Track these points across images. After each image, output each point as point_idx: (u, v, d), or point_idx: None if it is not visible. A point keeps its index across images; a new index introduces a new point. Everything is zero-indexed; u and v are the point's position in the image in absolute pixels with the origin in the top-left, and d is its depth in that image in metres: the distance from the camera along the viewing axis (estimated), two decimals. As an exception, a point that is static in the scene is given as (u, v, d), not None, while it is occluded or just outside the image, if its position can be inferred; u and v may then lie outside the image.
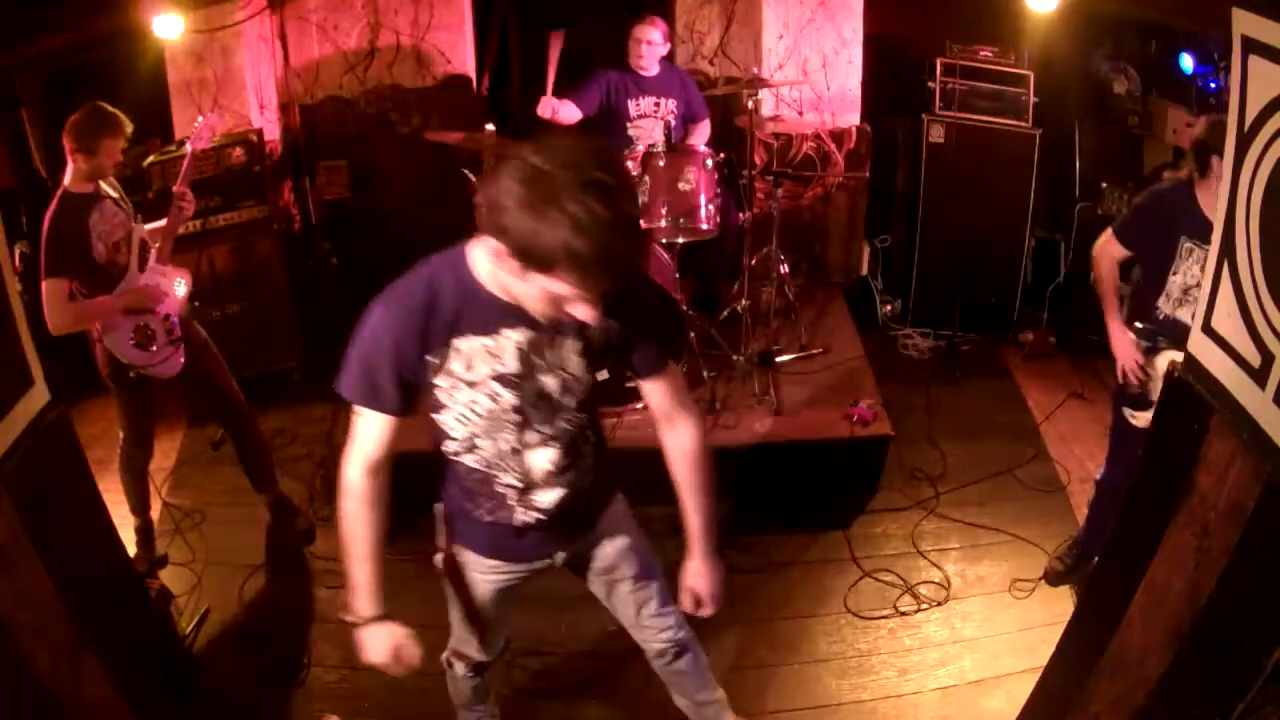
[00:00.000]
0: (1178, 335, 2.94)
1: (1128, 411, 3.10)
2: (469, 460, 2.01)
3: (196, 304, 3.72)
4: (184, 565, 3.66)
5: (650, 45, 4.41)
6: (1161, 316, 3.02)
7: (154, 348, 3.31)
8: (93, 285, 3.19)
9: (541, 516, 2.08)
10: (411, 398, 1.92)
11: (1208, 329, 1.99)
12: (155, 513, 3.76)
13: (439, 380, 1.88)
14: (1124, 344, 3.07)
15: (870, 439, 3.94)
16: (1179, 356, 2.88)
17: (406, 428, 2.02)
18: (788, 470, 3.93)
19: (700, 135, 4.60)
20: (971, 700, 3.12)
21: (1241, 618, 1.84)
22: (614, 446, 2.27)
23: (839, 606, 3.47)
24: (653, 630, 2.40)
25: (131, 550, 3.42)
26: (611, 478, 2.27)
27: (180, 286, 3.41)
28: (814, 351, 4.44)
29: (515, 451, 1.99)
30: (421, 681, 3.19)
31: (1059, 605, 3.43)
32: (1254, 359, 1.82)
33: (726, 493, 3.88)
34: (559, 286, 1.62)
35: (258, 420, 3.83)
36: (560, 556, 2.23)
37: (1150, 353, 3.03)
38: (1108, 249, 3.14)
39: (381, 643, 2.03)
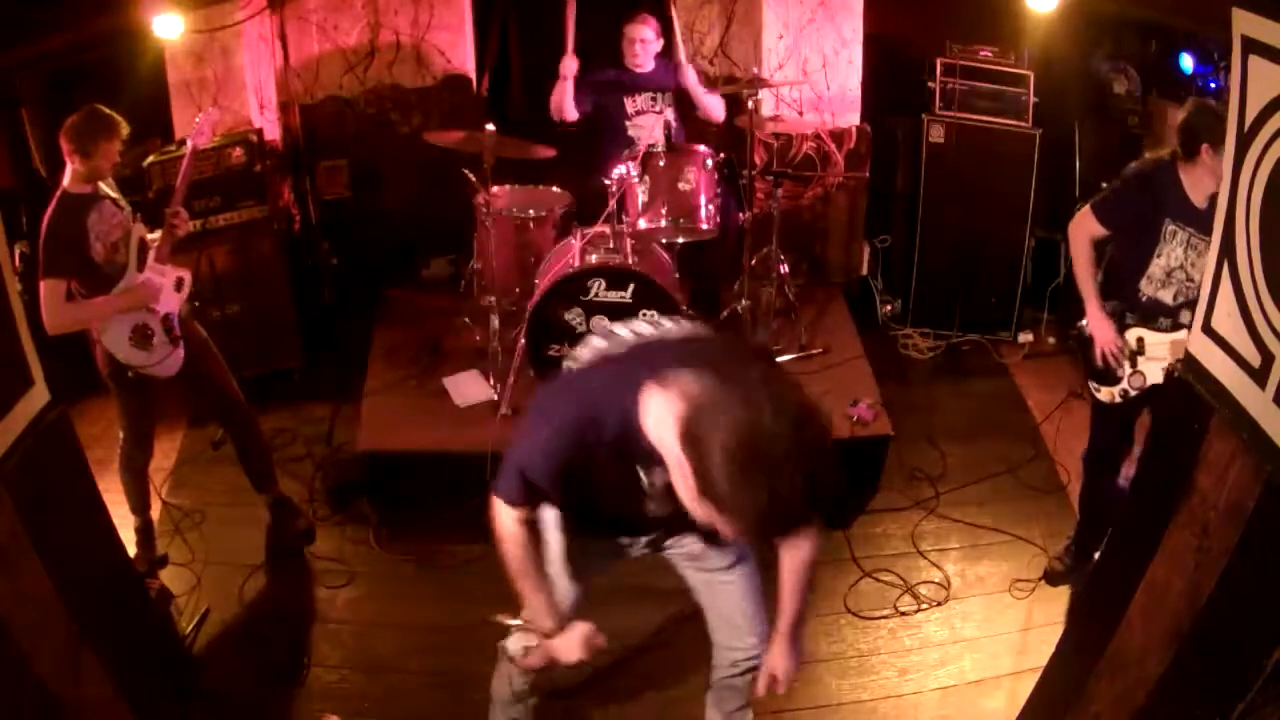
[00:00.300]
0: (1152, 314, 3.01)
1: (1092, 385, 3.13)
2: None
3: (196, 304, 3.71)
4: (184, 565, 3.66)
5: (644, 44, 4.41)
6: (1144, 299, 3.03)
7: (152, 347, 3.31)
8: (91, 285, 3.19)
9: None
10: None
11: (1208, 329, 1.99)
12: (155, 513, 3.76)
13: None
14: (1103, 326, 3.07)
15: (870, 439, 3.94)
16: (1147, 334, 2.99)
17: (406, 427, 2.02)
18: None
19: (714, 106, 4.56)
20: (971, 700, 3.12)
21: (1241, 618, 1.85)
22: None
23: (839, 606, 3.47)
24: (743, 633, 2.37)
25: (131, 550, 3.41)
26: None
27: (180, 285, 3.41)
28: (814, 351, 4.44)
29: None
30: (421, 681, 3.22)
31: (1059, 605, 3.43)
32: (1254, 359, 1.82)
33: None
34: (719, 519, 1.61)
35: (258, 420, 3.83)
36: (642, 539, 2.26)
37: (1120, 330, 3.06)
38: (1085, 225, 3.09)
39: (574, 642, 2.06)
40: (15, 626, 1.98)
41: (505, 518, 1.99)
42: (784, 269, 4.50)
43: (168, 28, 3.90)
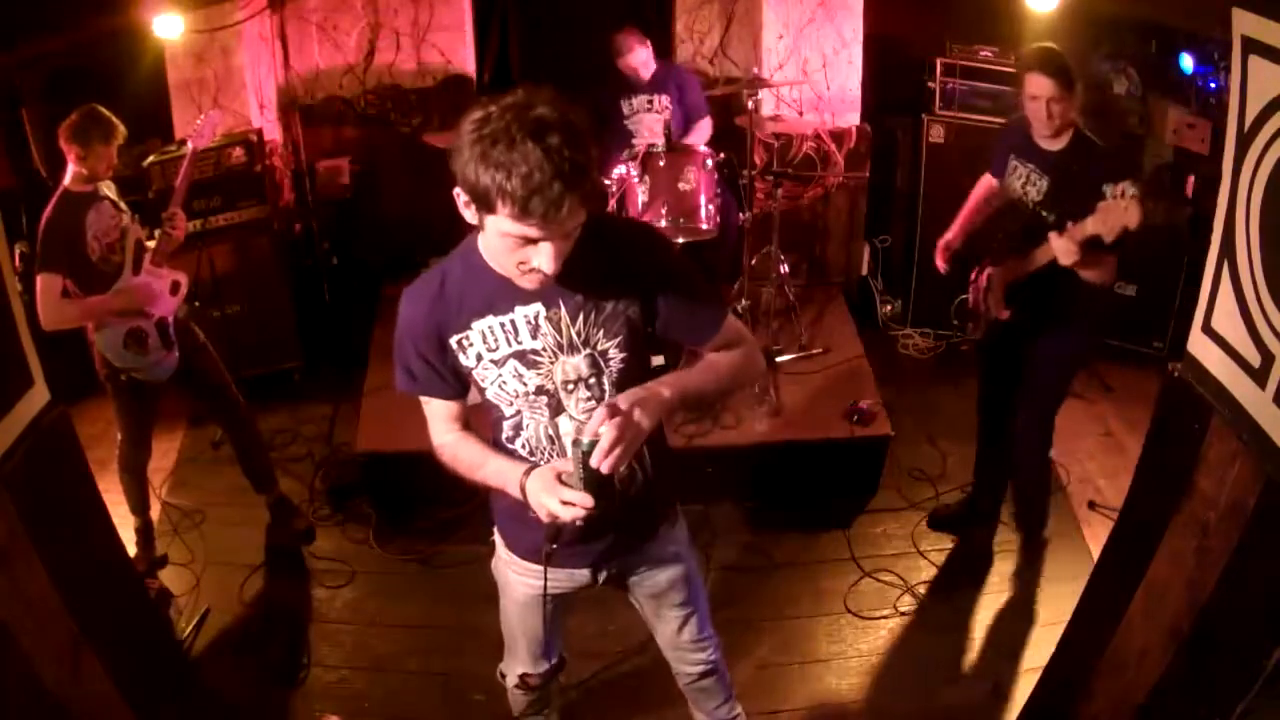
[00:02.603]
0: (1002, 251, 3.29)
1: (968, 326, 3.53)
2: (518, 446, 1.98)
3: (196, 304, 3.71)
4: (184, 565, 3.67)
5: (645, 68, 4.41)
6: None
7: (147, 351, 3.30)
8: (86, 284, 3.19)
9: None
10: (453, 381, 1.95)
11: (1208, 329, 1.99)
12: (155, 513, 3.76)
13: (467, 361, 1.90)
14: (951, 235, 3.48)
15: (870, 439, 3.94)
16: (993, 269, 3.26)
17: (406, 428, 2.02)
18: (788, 470, 3.93)
19: (699, 134, 4.59)
20: (972, 700, 3.12)
21: (1241, 618, 1.84)
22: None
23: (839, 606, 3.47)
24: (686, 652, 2.40)
25: (131, 550, 3.42)
26: (673, 495, 2.22)
27: (175, 289, 3.40)
28: (814, 351, 4.44)
29: (551, 439, 1.96)
30: (421, 681, 3.22)
31: (1059, 605, 3.43)
32: (1254, 359, 1.81)
33: (727, 493, 3.90)
34: (505, 225, 1.62)
35: (257, 420, 3.83)
36: (603, 574, 2.17)
37: (980, 272, 3.37)
38: (983, 182, 3.49)
39: (544, 482, 1.79)
40: (15, 626, 1.98)
41: (438, 438, 2.02)
42: (784, 269, 4.50)
43: (168, 28, 3.90)
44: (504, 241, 1.67)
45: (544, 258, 1.67)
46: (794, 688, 3.17)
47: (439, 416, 2.02)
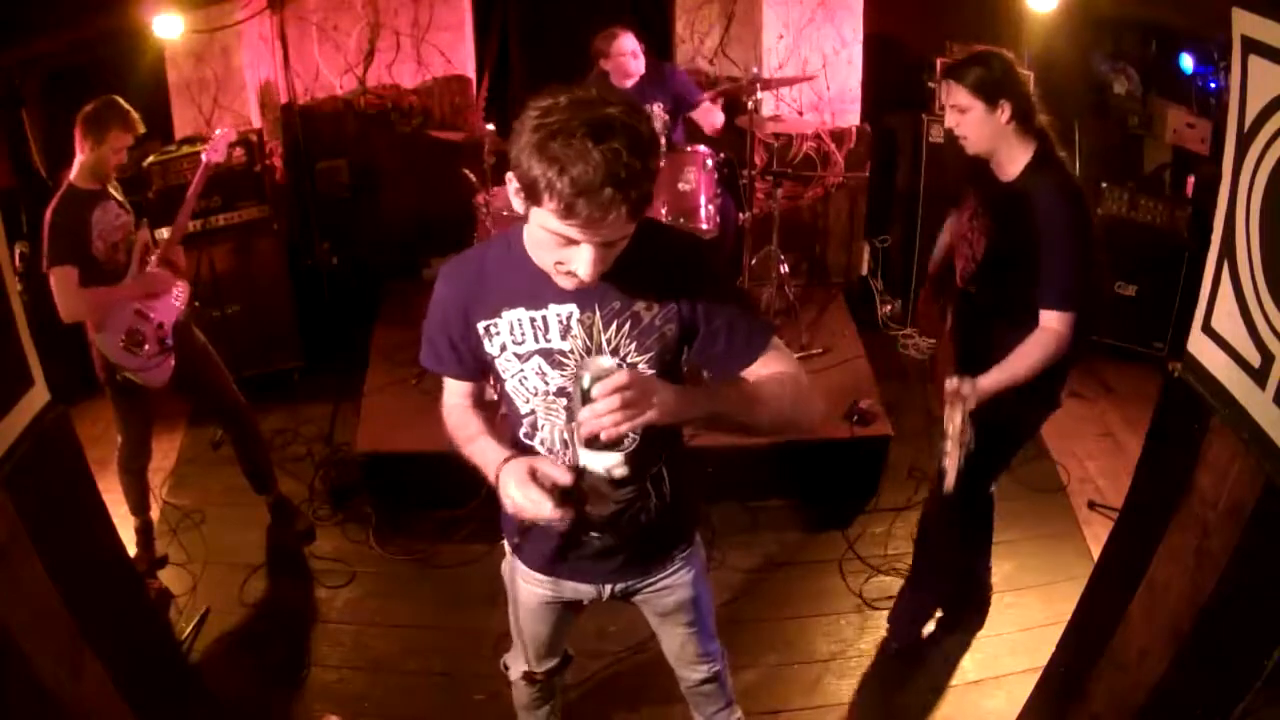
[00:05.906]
0: None
1: None
2: (537, 444, 1.94)
3: (196, 304, 3.72)
4: (183, 566, 3.67)
5: (635, 58, 4.33)
6: None
7: (142, 353, 3.30)
8: (89, 281, 3.18)
9: (594, 533, 2.00)
10: (471, 363, 1.92)
11: (1208, 329, 1.99)
12: (155, 513, 3.76)
13: (491, 349, 1.86)
14: None
15: (870, 439, 3.94)
16: None
17: (406, 428, 2.02)
18: (788, 470, 3.93)
19: (709, 117, 4.48)
20: (971, 700, 3.12)
21: (1241, 618, 1.84)
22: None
23: (839, 606, 3.47)
24: (688, 664, 2.39)
25: (131, 550, 3.42)
26: (693, 524, 2.20)
27: (177, 297, 3.40)
28: (814, 351, 4.44)
29: (566, 444, 1.90)
30: (421, 681, 3.22)
31: (1059, 605, 3.42)
32: (1254, 359, 1.82)
33: (727, 493, 3.89)
34: (549, 221, 1.55)
35: (258, 423, 3.83)
36: (608, 590, 2.13)
37: None
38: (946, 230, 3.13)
39: (516, 474, 1.74)
40: (15, 626, 1.98)
41: (445, 395, 2.02)
42: (784, 269, 4.50)
43: (168, 28, 3.90)
44: (545, 237, 1.60)
45: (582, 262, 1.60)
46: (794, 688, 3.17)
47: (453, 388, 2.02)
